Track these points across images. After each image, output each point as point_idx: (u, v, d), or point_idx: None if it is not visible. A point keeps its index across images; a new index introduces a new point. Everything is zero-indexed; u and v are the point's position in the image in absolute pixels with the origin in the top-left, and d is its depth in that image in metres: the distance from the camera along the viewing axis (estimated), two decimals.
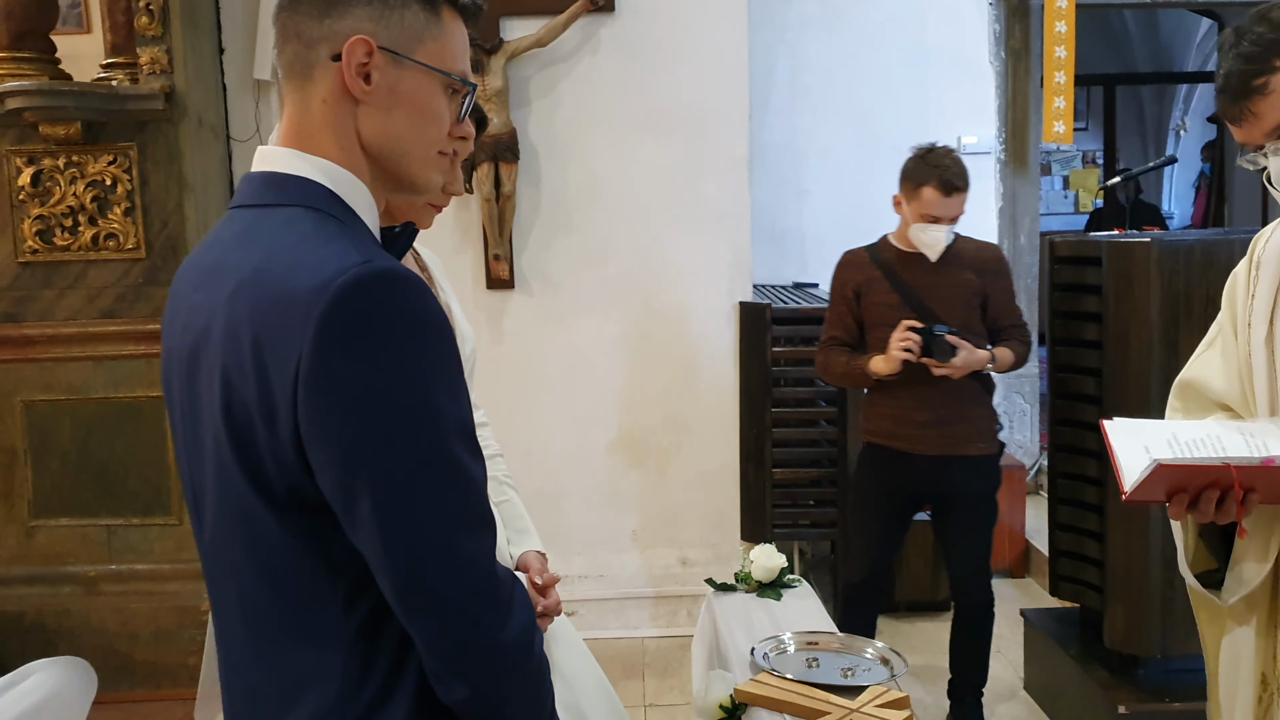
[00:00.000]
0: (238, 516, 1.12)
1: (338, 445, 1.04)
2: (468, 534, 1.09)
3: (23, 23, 3.79)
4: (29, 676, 1.95)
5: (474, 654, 1.10)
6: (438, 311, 1.08)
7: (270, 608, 1.14)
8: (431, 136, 1.21)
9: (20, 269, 3.80)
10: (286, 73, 1.18)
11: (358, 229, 1.15)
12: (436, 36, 1.19)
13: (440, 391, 1.07)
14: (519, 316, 4.17)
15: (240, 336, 1.06)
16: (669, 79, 4.10)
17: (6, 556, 3.85)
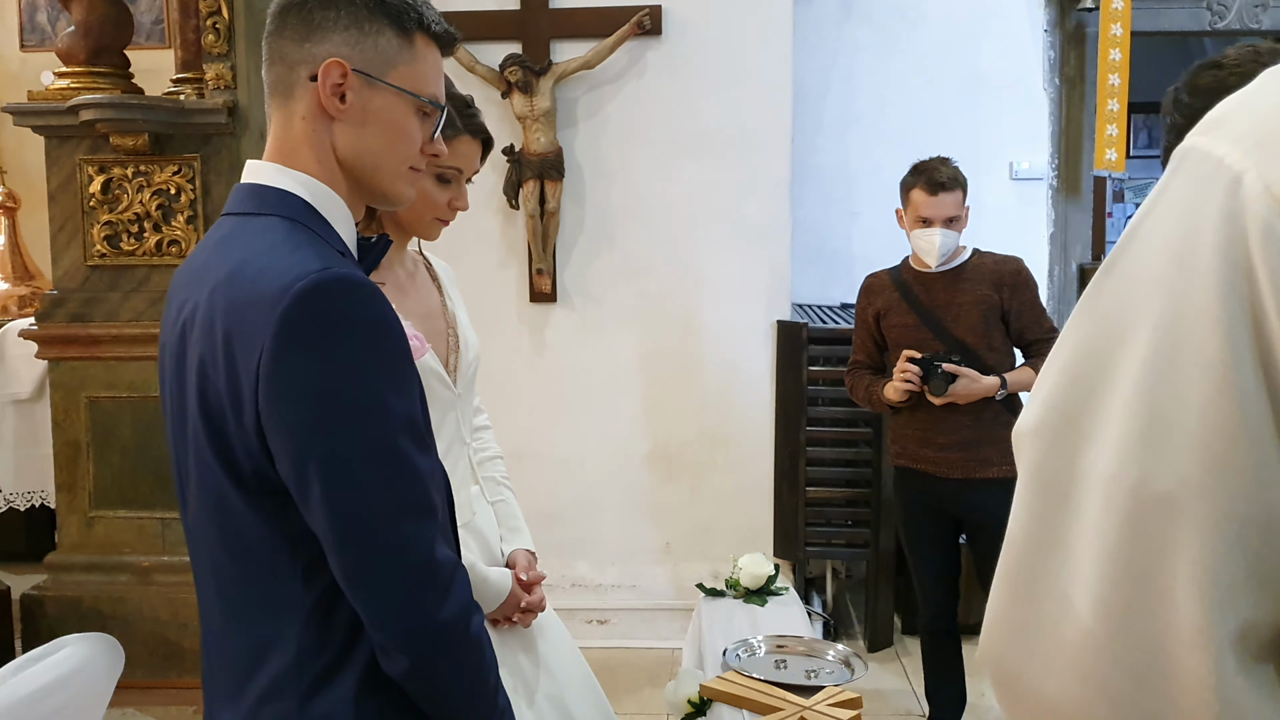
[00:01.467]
0: (212, 496, 1.24)
1: (292, 433, 1.16)
2: (410, 519, 1.20)
3: (100, 39, 4.00)
4: (61, 649, 2.09)
5: (412, 630, 1.21)
6: (389, 316, 1.20)
7: (238, 580, 1.26)
8: (402, 153, 1.32)
9: (89, 272, 4.00)
10: (271, 92, 1.31)
11: (328, 238, 1.27)
12: (409, 61, 1.31)
13: (387, 388, 1.19)
14: (560, 329, 4.28)
15: (215, 332, 1.19)
16: (714, 101, 4.19)
17: (68, 545, 4.04)
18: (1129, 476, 0.68)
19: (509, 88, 4.04)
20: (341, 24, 1.27)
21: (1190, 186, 0.68)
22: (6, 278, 5.28)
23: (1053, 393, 0.74)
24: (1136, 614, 0.68)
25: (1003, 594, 0.76)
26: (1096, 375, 0.71)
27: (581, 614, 4.27)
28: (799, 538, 4.17)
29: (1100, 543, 0.69)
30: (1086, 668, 0.70)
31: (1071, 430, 0.72)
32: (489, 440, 2.12)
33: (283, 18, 1.30)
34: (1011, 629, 0.75)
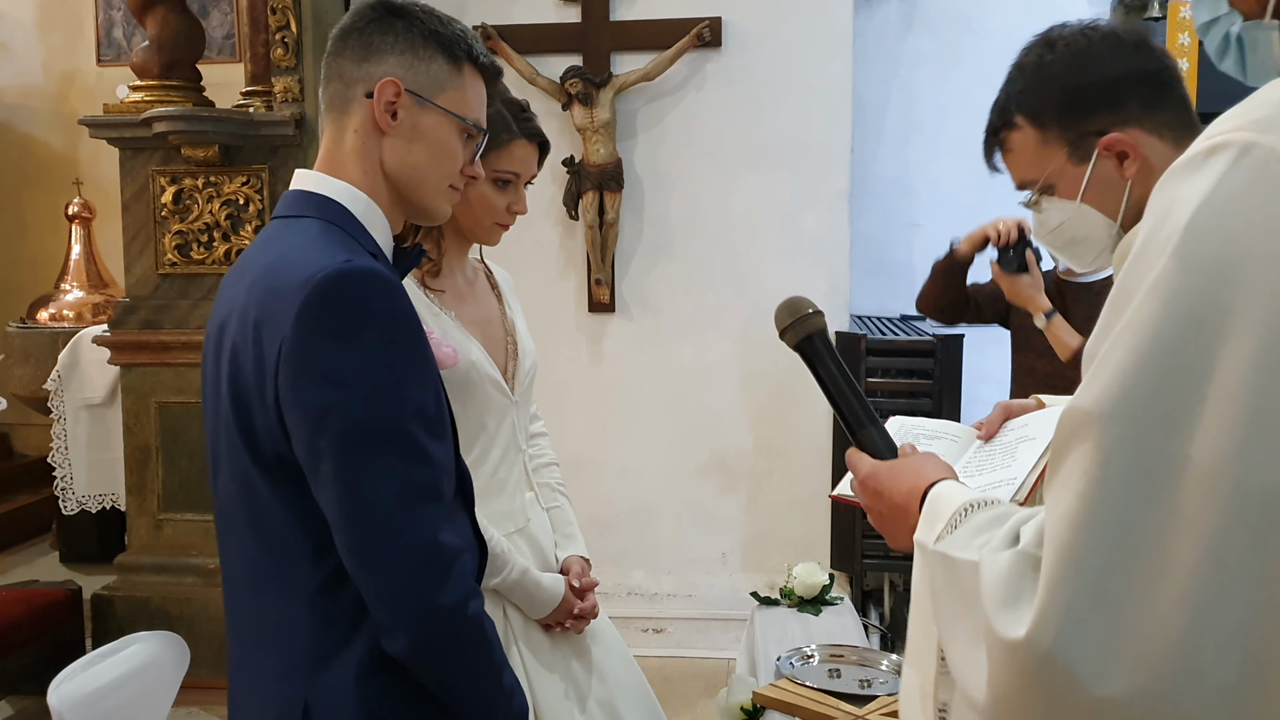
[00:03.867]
0: (238, 476, 1.32)
1: (306, 412, 1.23)
2: (415, 502, 1.26)
3: (173, 53, 4.11)
4: (129, 646, 2.15)
5: (411, 611, 1.26)
6: (405, 309, 1.28)
7: (259, 558, 1.33)
8: (445, 170, 1.43)
9: (160, 280, 4.10)
10: (327, 106, 1.42)
11: (361, 240, 1.35)
12: (457, 87, 1.42)
13: (400, 376, 1.26)
14: (618, 339, 4.31)
15: (247, 321, 1.28)
16: (773, 112, 4.19)
17: (137, 546, 4.14)
18: (1236, 470, 0.68)
19: (569, 100, 4.08)
20: (398, 48, 1.38)
21: (1260, 183, 0.70)
22: (81, 286, 5.43)
23: (1126, 378, 0.74)
24: (1238, 602, 0.69)
25: (1071, 578, 0.74)
26: (1183, 368, 0.71)
27: (637, 622, 4.28)
28: (856, 550, 4.15)
29: (1198, 531, 0.70)
30: (1177, 653, 0.70)
31: (1158, 418, 0.72)
32: (545, 447, 2.14)
33: (344, 40, 1.41)
34: (1081, 613, 0.73)
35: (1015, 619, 0.78)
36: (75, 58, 6.22)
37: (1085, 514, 0.74)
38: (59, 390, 4.65)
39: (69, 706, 1.97)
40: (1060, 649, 0.74)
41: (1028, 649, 0.76)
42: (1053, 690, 0.75)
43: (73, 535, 5.04)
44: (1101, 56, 1.32)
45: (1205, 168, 0.74)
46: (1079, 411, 0.77)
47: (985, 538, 0.91)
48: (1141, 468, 0.73)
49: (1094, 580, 0.73)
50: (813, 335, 1.33)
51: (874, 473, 1.22)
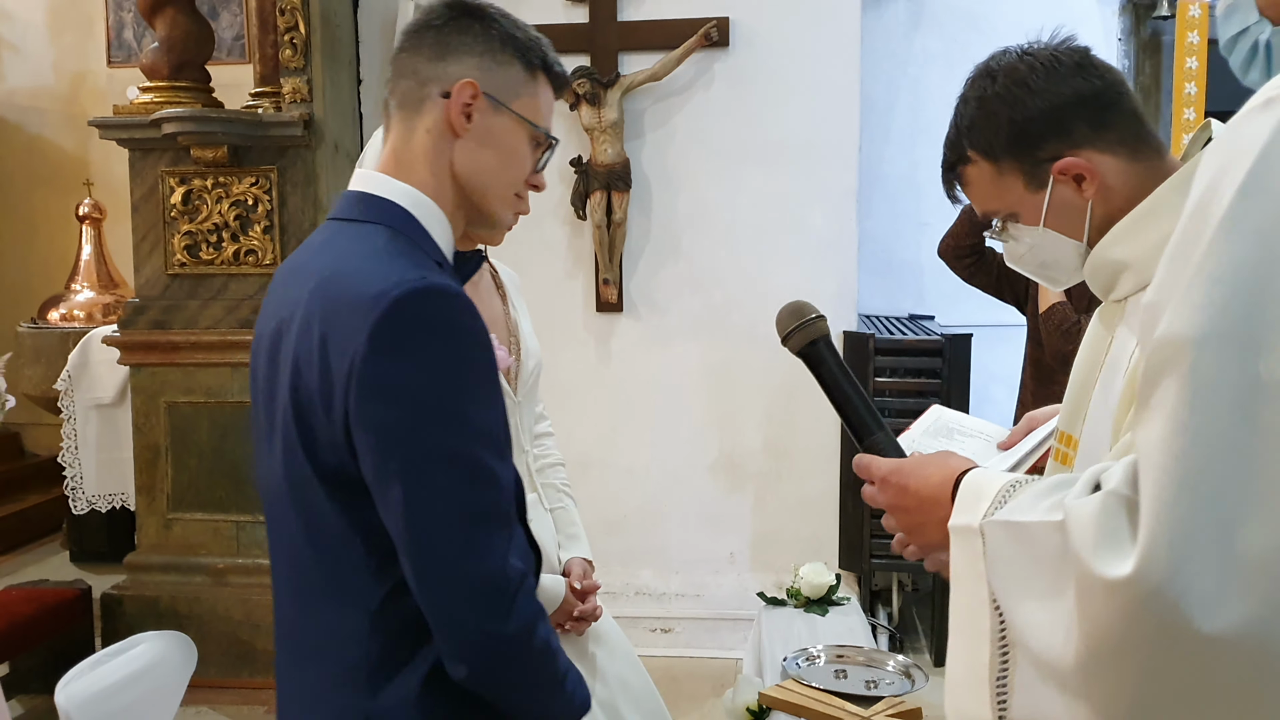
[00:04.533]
0: (297, 486, 1.29)
1: (376, 433, 1.20)
2: (483, 528, 1.22)
3: (182, 54, 4.13)
4: (137, 645, 2.16)
5: (474, 639, 1.23)
6: (478, 328, 1.24)
7: (315, 570, 1.30)
8: (512, 177, 1.40)
9: (169, 280, 4.12)
10: (399, 104, 1.38)
11: (426, 248, 1.32)
12: (531, 94, 1.39)
13: (471, 398, 1.23)
14: (626, 339, 4.31)
15: (312, 330, 1.25)
16: (780, 112, 4.19)
17: (147, 545, 4.16)
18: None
19: (577, 100, 4.09)
20: (476, 49, 1.35)
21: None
22: (92, 286, 5.45)
23: (1210, 304, 0.75)
24: None
25: (1177, 506, 0.74)
26: (1261, 291, 0.74)
27: (645, 622, 4.28)
28: (864, 550, 4.14)
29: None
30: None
31: (1245, 341, 0.74)
32: (550, 447, 2.15)
33: (419, 37, 1.38)
34: (1191, 542, 0.73)
35: (1117, 558, 0.77)
36: (86, 59, 6.25)
37: (1186, 439, 0.75)
38: (69, 390, 4.66)
39: (76, 706, 1.97)
40: (1171, 582, 0.73)
41: (1134, 586, 0.75)
42: (1161, 629, 0.74)
43: (83, 534, 5.06)
44: (1041, 84, 1.32)
45: (1262, 118, 0.78)
46: (1167, 341, 0.77)
47: (1055, 499, 0.90)
48: (1233, 390, 0.74)
49: (1202, 507, 0.73)
50: (816, 340, 1.33)
51: (898, 468, 1.21)
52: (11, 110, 6.31)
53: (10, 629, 3.67)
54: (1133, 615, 0.75)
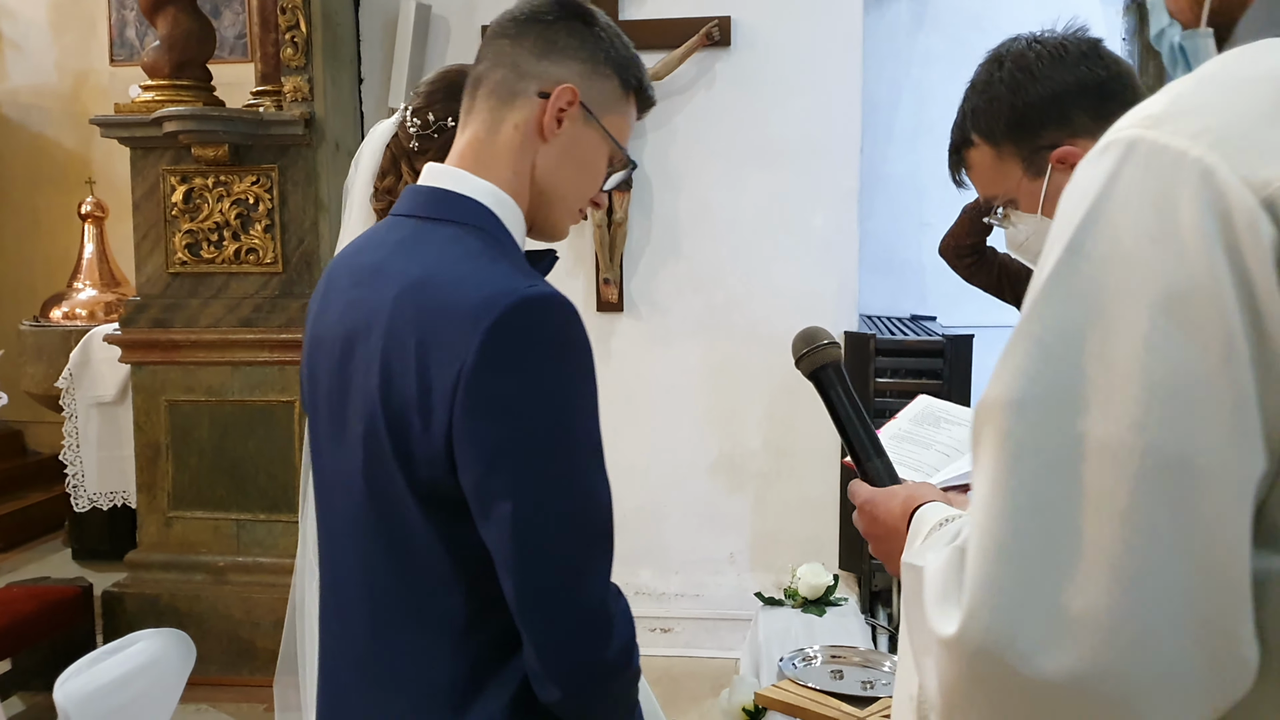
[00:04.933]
0: (383, 500, 1.24)
1: (485, 448, 1.15)
2: (590, 550, 1.19)
3: (184, 53, 4.13)
4: (136, 643, 2.16)
5: (574, 664, 1.19)
6: (585, 338, 1.20)
7: (395, 586, 1.25)
8: (585, 190, 1.36)
9: (170, 279, 4.12)
10: (490, 91, 1.33)
11: (511, 252, 1.27)
12: (621, 113, 1.36)
13: (582, 410, 1.19)
14: (627, 338, 4.31)
15: (404, 337, 1.19)
16: (782, 112, 4.19)
17: (148, 543, 4.17)
18: (1140, 442, 0.72)
19: None
20: (580, 56, 1.32)
21: (1149, 175, 0.75)
22: (94, 284, 5.46)
23: (1028, 367, 0.77)
24: (1162, 570, 0.71)
25: (993, 565, 0.76)
26: (1079, 351, 0.75)
27: (645, 622, 4.28)
28: (865, 550, 4.13)
29: (1112, 507, 0.72)
30: (1108, 630, 0.72)
31: (1060, 402, 0.75)
32: None
33: (523, 28, 1.33)
34: (1009, 601, 0.75)
35: (948, 616, 0.79)
36: (88, 58, 6.25)
37: (1005, 500, 0.76)
38: (70, 388, 4.67)
39: (75, 703, 1.98)
40: (992, 641, 0.75)
41: (960, 645, 0.76)
42: (993, 683, 0.76)
43: (84, 532, 5.07)
44: (1046, 71, 1.33)
45: (1097, 165, 0.78)
46: (986, 403, 0.79)
47: (945, 534, 0.94)
48: (1049, 451, 0.75)
49: (1020, 567, 0.75)
50: (827, 366, 1.35)
51: (871, 499, 1.24)
52: (14, 108, 6.32)
53: (12, 626, 3.68)
54: (965, 672, 0.77)
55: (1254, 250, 0.71)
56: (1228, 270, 0.71)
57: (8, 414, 6.08)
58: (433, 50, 4.32)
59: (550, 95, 1.29)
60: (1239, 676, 0.73)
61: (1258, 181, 0.72)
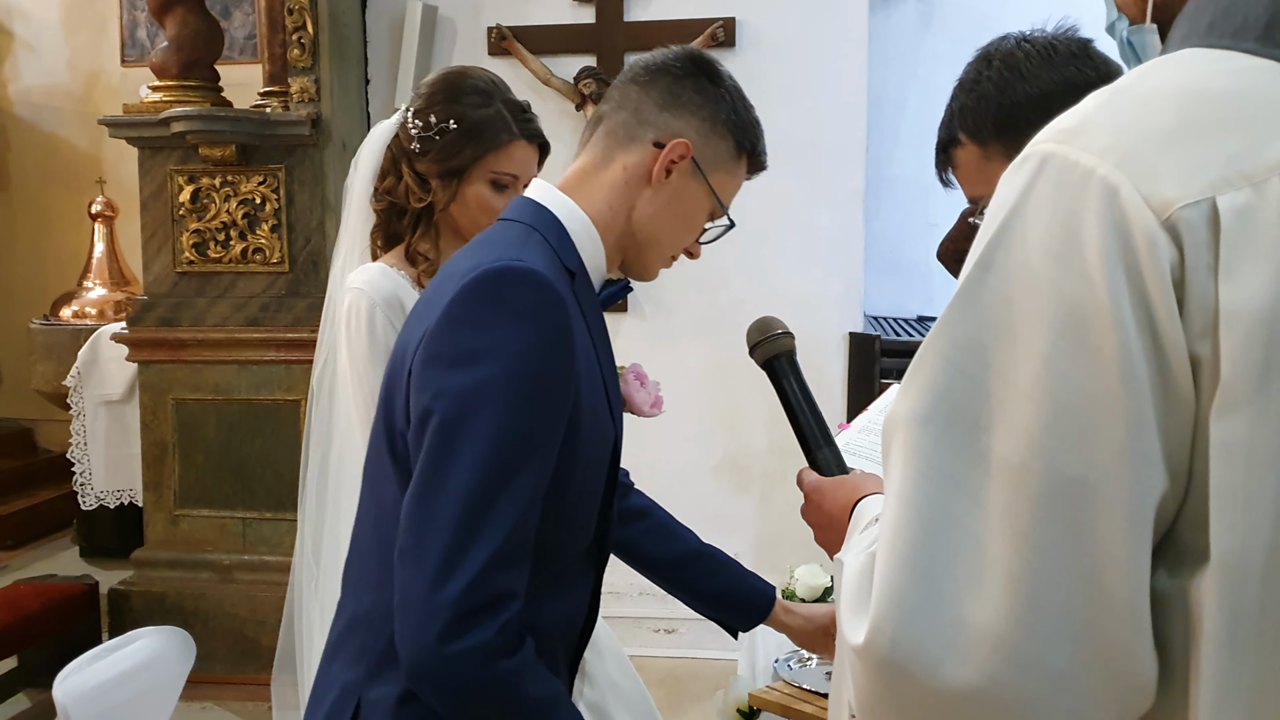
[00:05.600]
0: (372, 460, 1.31)
1: (421, 394, 1.19)
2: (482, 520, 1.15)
3: (191, 53, 4.15)
4: (136, 640, 2.17)
5: (411, 642, 1.16)
6: (558, 319, 1.21)
7: (373, 552, 1.30)
8: (680, 241, 1.42)
9: (178, 278, 4.14)
10: (606, 131, 1.39)
11: (564, 255, 1.31)
12: (730, 173, 1.42)
13: (529, 381, 1.18)
14: (631, 339, 4.31)
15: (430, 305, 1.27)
16: (787, 112, 4.18)
17: (154, 541, 4.19)
18: (1039, 463, 0.73)
19: (583, 100, 4.10)
20: (701, 114, 1.37)
21: (1059, 192, 0.75)
22: (104, 283, 5.49)
23: (935, 383, 0.78)
24: (1058, 588, 0.73)
25: (897, 578, 0.77)
26: (984, 368, 0.75)
27: (649, 623, 4.29)
28: None
29: (1011, 525, 0.73)
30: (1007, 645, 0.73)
31: (965, 420, 0.76)
32: None
33: (654, 77, 1.38)
34: (911, 612, 0.76)
35: (858, 625, 0.80)
36: (100, 58, 6.29)
37: (905, 516, 0.77)
38: (78, 387, 4.70)
39: (74, 700, 1.99)
40: (895, 652, 0.76)
41: (868, 654, 0.78)
42: (899, 692, 0.77)
43: (93, 530, 5.10)
44: (1034, 70, 1.33)
45: (1014, 179, 0.78)
46: (895, 418, 0.80)
47: (865, 540, 0.94)
48: (952, 467, 0.76)
49: (921, 581, 0.76)
50: (780, 355, 1.39)
51: (818, 486, 1.27)
52: (26, 108, 6.35)
53: (19, 623, 3.71)
54: (874, 680, 0.79)
55: (1153, 272, 0.71)
56: (1127, 291, 0.71)
57: (18, 412, 6.13)
58: (439, 51, 4.33)
59: (665, 146, 1.34)
60: (1136, 693, 0.75)
61: (1159, 203, 0.72)
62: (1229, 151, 0.74)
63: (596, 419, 1.31)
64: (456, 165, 1.91)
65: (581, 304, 1.31)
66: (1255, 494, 0.71)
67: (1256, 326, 0.70)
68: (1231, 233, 0.71)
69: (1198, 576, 0.73)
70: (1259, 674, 0.72)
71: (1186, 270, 0.71)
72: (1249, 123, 0.76)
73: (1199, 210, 0.72)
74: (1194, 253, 0.71)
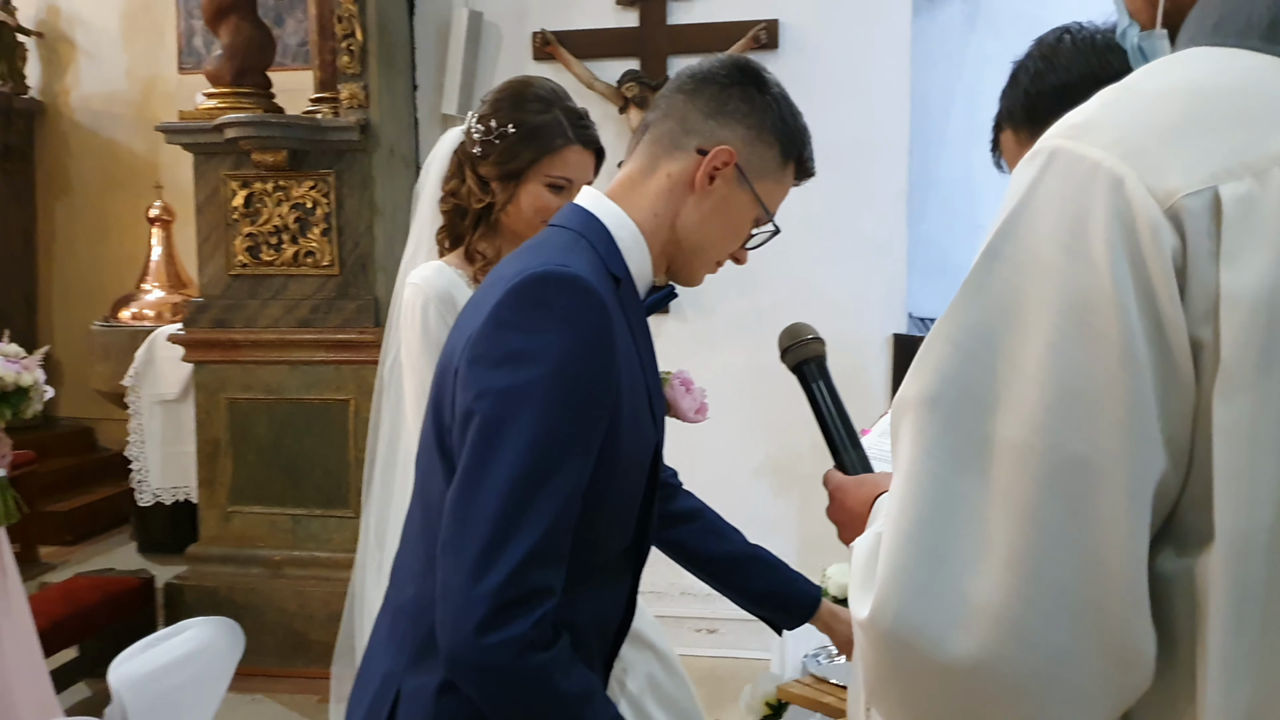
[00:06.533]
0: (422, 454, 1.34)
1: (468, 390, 1.23)
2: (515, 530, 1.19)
3: (244, 60, 4.25)
4: (187, 630, 2.24)
5: (447, 633, 1.21)
6: (599, 323, 1.24)
7: (419, 545, 1.34)
8: (725, 248, 1.44)
9: (231, 280, 4.24)
10: (654, 138, 1.41)
11: (611, 261, 1.34)
12: (777, 180, 1.43)
13: (571, 384, 1.21)
14: (673, 341, 4.33)
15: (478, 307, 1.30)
16: (830, 114, 4.18)
17: (207, 537, 4.29)
18: (1042, 443, 0.76)
19: (626, 103, 4.14)
20: (747, 122, 1.38)
21: (1067, 184, 0.78)
22: (161, 286, 5.62)
23: (945, 366, 0.81)
24: (1060, 565, 0.75)
25: (903, 554, 0.80)
26: (992, 353, 0.78)
27: (690, 622, 4.31)
28: None
29: (1015, 503, 0.76)
30: (1008, 620, 0.76)
31: (972, 402, 0.79)
32: None
33: (700, 85, 1.40)
34: (915, 588, 0.79)
35: (864, 600, 0.83)
36: (157, 65, 6.43)
37: (911, 494, 0.80)
38: (136, 386, 4.82)
39: (127, 686, 2.06)
40: (899, 625, 0.79)
41: (873, 627, 0.81)
42: (904, 665, 0.80)
43: (149, 526, 5.22)
44: (1064, 62, 1.34)
45: (1024, 173, 0.81)
46: (904, 400, 0.83)
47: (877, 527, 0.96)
48: (959, 447, 0.79)
49: (925, 557, 0.79)
50: (809, 360, 1.42)
51: (842, 485, 1.30)
52: (86, 115, 6.51)
53: (78, 615, 3.83)
54: (879, 653, 0.82)
55: (1156, 259, 0.74)
56: (1130, 278, 0.74)
57: (79, 411, 6.28)
58: (485, 57, 4.40)
59: (708, 153, 1.36)
60: (1135, 670, 0.77)
61: (1162, 192, 0.74)
62: (1232, 143, 0.76)
63: (638, 422, 1.34)
64: (515, 168, 1.99)
65: (626, 309, 1.34)
66: (1258, 474, 0.73)
67: (1257, 311, 0.73)
68: (1233, 220, 0.74)
69: (1203, 556, 0.75)
70: (1266, 651, 0.74)
71: (1189, 257, 0.74)
72: (1252, 116, 0.78)
73: (1201, 199, 0.74)
74: (1196, 240, 0.74)
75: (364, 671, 1.42)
